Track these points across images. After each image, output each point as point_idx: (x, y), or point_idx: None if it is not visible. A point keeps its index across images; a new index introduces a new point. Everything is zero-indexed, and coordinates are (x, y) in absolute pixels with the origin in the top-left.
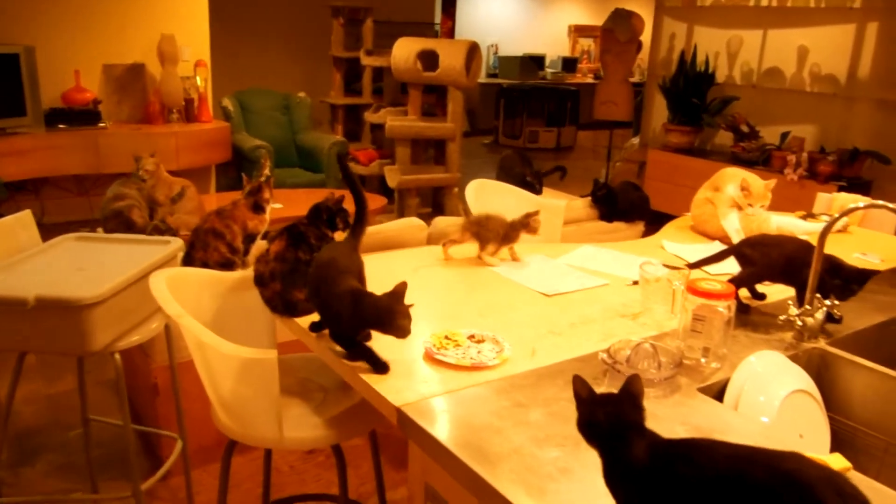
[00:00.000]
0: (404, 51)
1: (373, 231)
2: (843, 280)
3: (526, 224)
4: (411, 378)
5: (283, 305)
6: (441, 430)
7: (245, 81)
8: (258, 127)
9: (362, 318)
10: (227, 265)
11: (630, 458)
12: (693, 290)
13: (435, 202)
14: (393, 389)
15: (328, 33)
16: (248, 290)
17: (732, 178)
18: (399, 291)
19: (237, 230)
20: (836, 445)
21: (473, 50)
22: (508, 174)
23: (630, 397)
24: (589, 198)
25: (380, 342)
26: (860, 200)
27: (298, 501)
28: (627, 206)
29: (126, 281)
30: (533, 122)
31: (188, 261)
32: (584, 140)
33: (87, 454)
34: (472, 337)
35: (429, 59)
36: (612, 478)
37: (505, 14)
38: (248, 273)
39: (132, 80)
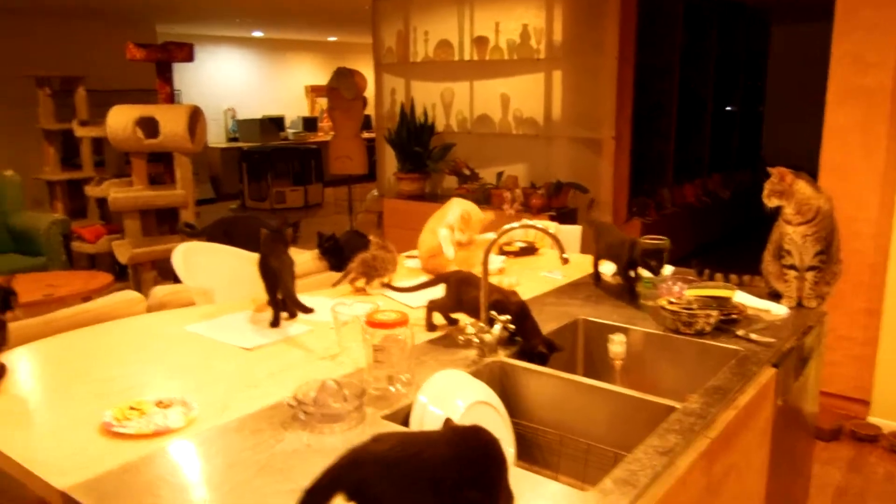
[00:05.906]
0: (121, 119)
1: (83, 309)
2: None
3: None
4: (83, 457)
5: None
6: None
7: None
8: None
9: None
10: None
11: None
12: (370, 322)
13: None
14: (58, 471)
15: (35, 105)
16: None
17: (457, 205)
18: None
19: None
20: (523, 447)
21: (196, 114)
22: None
23: None
24: (317, 251)
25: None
26: (526, 223)
27: None
28: (354, 254)
29: None
30: (279, 182)
31: None
32: (331, 196)
33: None
34: (159, 403)
35: (150, 127)
36: None
37: (239, 78)
38: None
39: None
